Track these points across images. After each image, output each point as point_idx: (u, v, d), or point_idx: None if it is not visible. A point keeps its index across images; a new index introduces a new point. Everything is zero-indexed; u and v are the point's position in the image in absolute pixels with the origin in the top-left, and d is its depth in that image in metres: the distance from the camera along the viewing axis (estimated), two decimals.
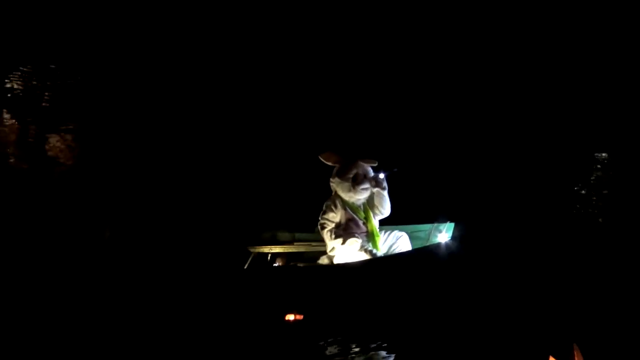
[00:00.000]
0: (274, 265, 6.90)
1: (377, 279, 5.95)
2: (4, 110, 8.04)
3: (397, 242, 6.52)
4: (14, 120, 8.18)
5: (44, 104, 8.28)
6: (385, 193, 6.55)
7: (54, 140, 8.71)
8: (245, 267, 6.85)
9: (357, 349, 5.09)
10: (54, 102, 8.38)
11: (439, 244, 6.05)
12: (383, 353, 5.00)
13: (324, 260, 6.54)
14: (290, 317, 6.04)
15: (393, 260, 6.09)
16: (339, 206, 6.43)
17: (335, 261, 6.35)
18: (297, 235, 7.14)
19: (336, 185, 6.50)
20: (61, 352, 4.90)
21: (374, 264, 6.11)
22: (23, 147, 8.52)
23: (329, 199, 6.56)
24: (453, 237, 6.24)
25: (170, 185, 8.38)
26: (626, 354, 4.25)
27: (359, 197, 6.46)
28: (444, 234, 6.49)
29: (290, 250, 7.01)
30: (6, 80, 8.27)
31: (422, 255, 6.02)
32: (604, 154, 9.61)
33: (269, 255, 6.99)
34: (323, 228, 6.37)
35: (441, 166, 8.98)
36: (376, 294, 5.85)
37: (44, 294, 6.30)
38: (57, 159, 8.51)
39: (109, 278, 6.70)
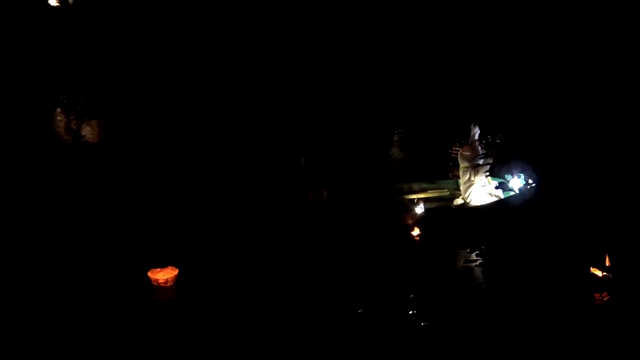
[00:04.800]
0: (421, 206, 10.92)
1: (498, 210, 10.47)
2: (59, 109, 13.25)
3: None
4: (64, 115, 13.41)
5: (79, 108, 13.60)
6: None
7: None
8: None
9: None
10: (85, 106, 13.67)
11: (526, 188, 10.69)
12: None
13: (458, 202, 10.79)
14: (415, 232, 10.33)
15: (506, 200, 10.61)
16: (475, 170, 10.62)
17: (472, 203, 10.64)
18: (423, 185, 11.27)
19: (471, 163, 10.64)
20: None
21: (496, 203, 10.59)
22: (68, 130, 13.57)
23: (467, 168, 10.64)
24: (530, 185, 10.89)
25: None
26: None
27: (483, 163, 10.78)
28: (516, 180, 11.16)
29: (424, 196, 11.14)
30: (60, 96, 13.36)
31: (520, 195, 10.67)
32: None
33: (415, 199, 11.02)
34: (470, 185, 10.55)
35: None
36: (497, 220, 10.35)
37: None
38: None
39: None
